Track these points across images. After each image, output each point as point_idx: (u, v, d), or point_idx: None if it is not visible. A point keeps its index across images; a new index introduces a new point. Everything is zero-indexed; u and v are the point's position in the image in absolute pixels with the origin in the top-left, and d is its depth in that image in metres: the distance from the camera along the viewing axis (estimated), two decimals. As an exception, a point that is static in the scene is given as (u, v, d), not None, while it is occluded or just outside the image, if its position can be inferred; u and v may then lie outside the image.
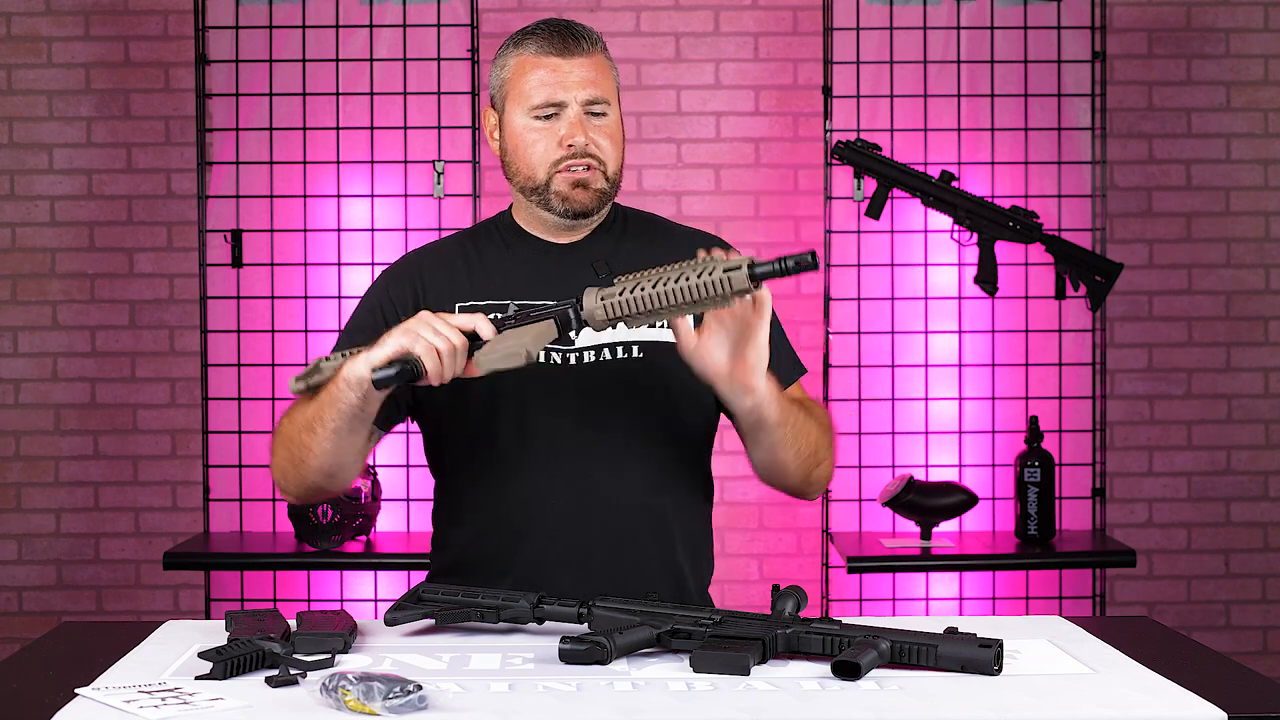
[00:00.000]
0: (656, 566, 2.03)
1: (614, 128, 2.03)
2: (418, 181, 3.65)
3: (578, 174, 2.01)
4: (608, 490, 2.01)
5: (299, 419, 1.98)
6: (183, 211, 4.06)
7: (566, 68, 2.00)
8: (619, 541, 2.01)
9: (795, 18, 4.10)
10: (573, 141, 1.99)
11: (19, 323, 4.10)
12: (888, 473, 3.60)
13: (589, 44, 2.02)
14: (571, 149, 1.99)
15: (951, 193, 3.52)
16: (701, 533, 2.13)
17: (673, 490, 2.06)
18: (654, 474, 2.04)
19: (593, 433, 2.00)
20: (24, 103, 4.10)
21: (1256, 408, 4.16)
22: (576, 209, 2.03)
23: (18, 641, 3.91)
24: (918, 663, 1.64)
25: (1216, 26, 4.14)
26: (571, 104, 2.00)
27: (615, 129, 2.04)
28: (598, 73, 2.02)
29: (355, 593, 3.59)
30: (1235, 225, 4.16)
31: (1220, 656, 1.84)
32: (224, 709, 1.52)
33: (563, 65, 2.00)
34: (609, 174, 2.03)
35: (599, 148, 2.01)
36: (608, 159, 2.02)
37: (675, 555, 2.06)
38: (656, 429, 2.04)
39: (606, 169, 2.02)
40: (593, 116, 2.01)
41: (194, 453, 3.95)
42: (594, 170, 2.01)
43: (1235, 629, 4.14)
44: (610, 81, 2.04)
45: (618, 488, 2.01)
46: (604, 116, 2.02)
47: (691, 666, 1.65)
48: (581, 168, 2.00)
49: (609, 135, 2.02)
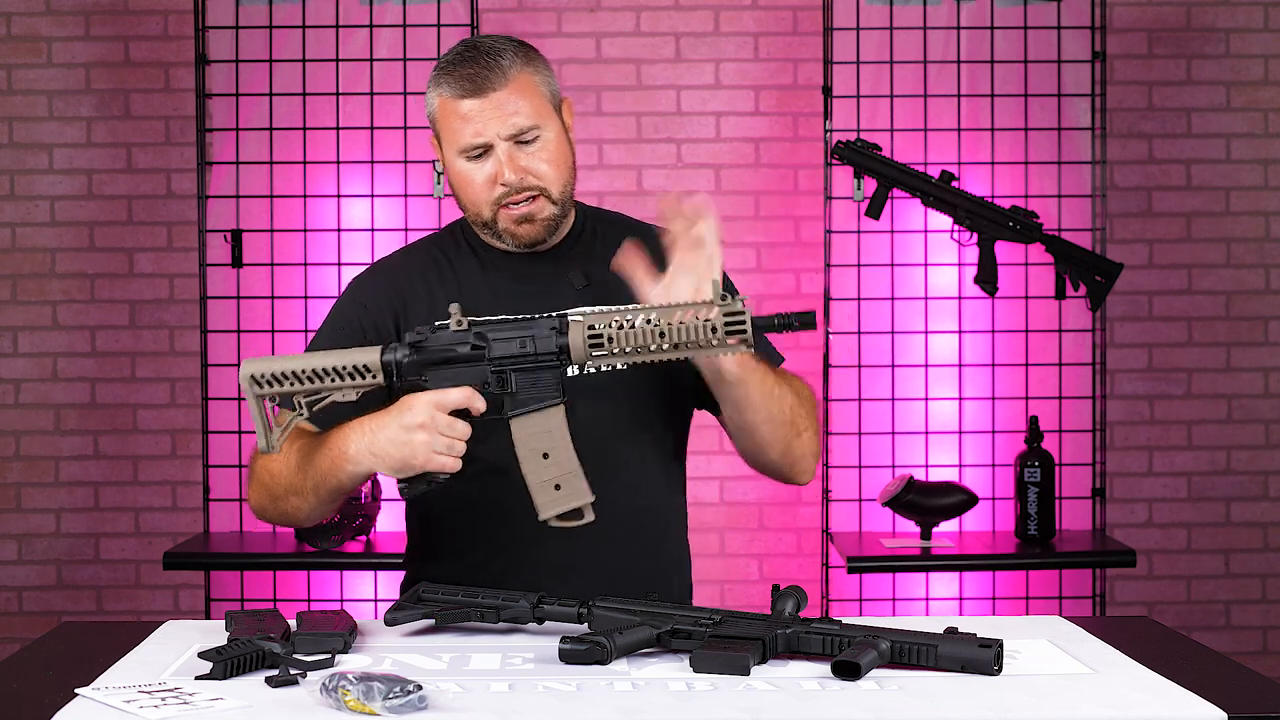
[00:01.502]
0: (647, 569, 2.03)
1: (550, 148, 1.96)
2: (418, 181, 3.65)
3: (520, 209, 1.96)
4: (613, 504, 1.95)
5: (282, 479, 1.94)
6: (183, 211, 4.06)
7: (480, 108, 1.93)
8: (606, 546, 1.99)
9: (795, 18, 4.10)
10: (504, 181, 1.94)
11: (19, 323, 4.10)
12: (888, 473, 3.60)
13: (500, 73, 1.93)
14: (505, 188, 1.95)
15: (951, 193, 3.52)
16: (683, 531, 2.15)
17: (656, 491, 2.07)
18: (638, 477, 2.04)
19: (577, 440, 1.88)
20: (24, 103, 4.10)
21: (1256, 408, 4.16)
22: (527, 242, 2.00)
23: (18, 641, 3.91)
24: (918, 663, 1.64)
25: (1216, 26, 4.14)
26: (496, 142, 1.94)
27: (552, 148, 1.97)
28: (518, 100, 1.93)
29: (355, 593, 3.59)
30: (1235, 225, 4.16)
31: (1220, 656, 1.84)
32: (224, 709, 1.52)
33: (476, 106, 1.93)
34: (555, 196, 1.98)
35: (537, 174, 1.96)
36: (549, 182, 1.97)
37: (663, 557, 2.07)
38: (644, 438, 2.05)
39: (551, 192, 1.97)
40: (523, 145, 1.95)
41: (194, 453, 3.95)
42: (538, 200, 1.96)
43: (1235, 629, 4.14)
44: (535, 101, 1.95)
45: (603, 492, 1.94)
46: (535, 142, 1.95)
47: (691, 666, 1.65)
48: (524, 201, 1.96)
49: (546, 159, 1.96)
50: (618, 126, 4.08)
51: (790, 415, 1.96)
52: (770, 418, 1.94)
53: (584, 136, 4.08)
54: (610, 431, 1.99)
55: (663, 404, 2.06)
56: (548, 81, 2.00)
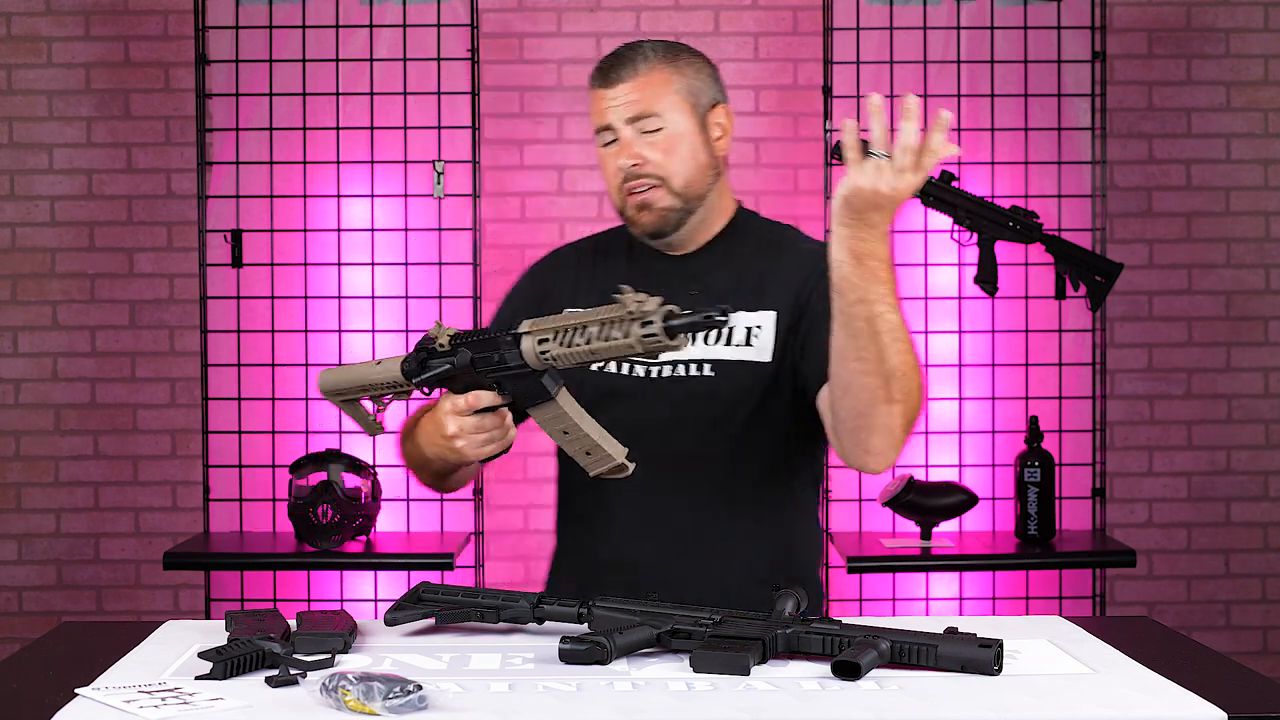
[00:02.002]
0: (709, 583, 1.99)
1: (670, 140, 2.02)
2: (418, 181, 3.65)
3: (639, 196, 2.02)
4: (669, 505, 2.01)
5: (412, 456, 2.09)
6: (183, 211, 4.06)
7: (610, 95, 2.03)
8: (675, 556, 2.01)
9: (795, 18, 4.10)
10: (619, 164, 2.02)
11: (19, 323, 4.10)
12: (888, 473, 3.60)
13: (629, 69, 2.03)
14: (623, 172, 2.02)
15: (951, 193, 3.52)
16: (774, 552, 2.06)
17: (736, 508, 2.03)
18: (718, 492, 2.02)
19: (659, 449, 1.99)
20: (24, 103, 4.10)
21: (1256, 408, 4.16)
22: (644, 230, 2.05)
23: (18, 641, 3.91)
24: (918, 663, 1.65)
25: (1216, 26, 4.14)
26: (620, 127, 2.02)
27: (672, 140, 2.02)
28: (643, 90, 2.01)
29: (355, 593, 3.59)
30: (1235, 225, 4.16)
31: (1220, 656, 1.84)
32: (224, 709, 1.52)
33: (607, 94, 2.03)
34: (675, 188, 2.02)
35: (653, 162, 2.01)
36: (666, 172, 2.01)
37: (733, 573, 2.02)
38: (723, 447, 2.02)
39: (670, 183, 2.02)
40: (645, 134, 2.02)
41: (194, 453, 3.95)
42: (656, 189, 2.01)
43: (1235, 629, 4.14)
44: (663, 94, 2.02)
45: (678, 504, 2.01)
46: (655, 131, 2.01)
47: (691, 666, 1.65)
48: (642, 189, 2.02)
49: (663, 148, 2.01)
50: (618, 126, 4.08)
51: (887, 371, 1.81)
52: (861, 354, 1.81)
53: (584, 136, 4.09)
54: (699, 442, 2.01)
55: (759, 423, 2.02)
56: (691, 82, 2.05)
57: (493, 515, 3.97)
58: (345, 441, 3.61)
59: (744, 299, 2.02)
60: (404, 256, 3.66)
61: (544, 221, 4.07)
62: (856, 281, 1.78)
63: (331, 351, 3.66)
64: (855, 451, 1.90)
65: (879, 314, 1.79)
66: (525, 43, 4.07)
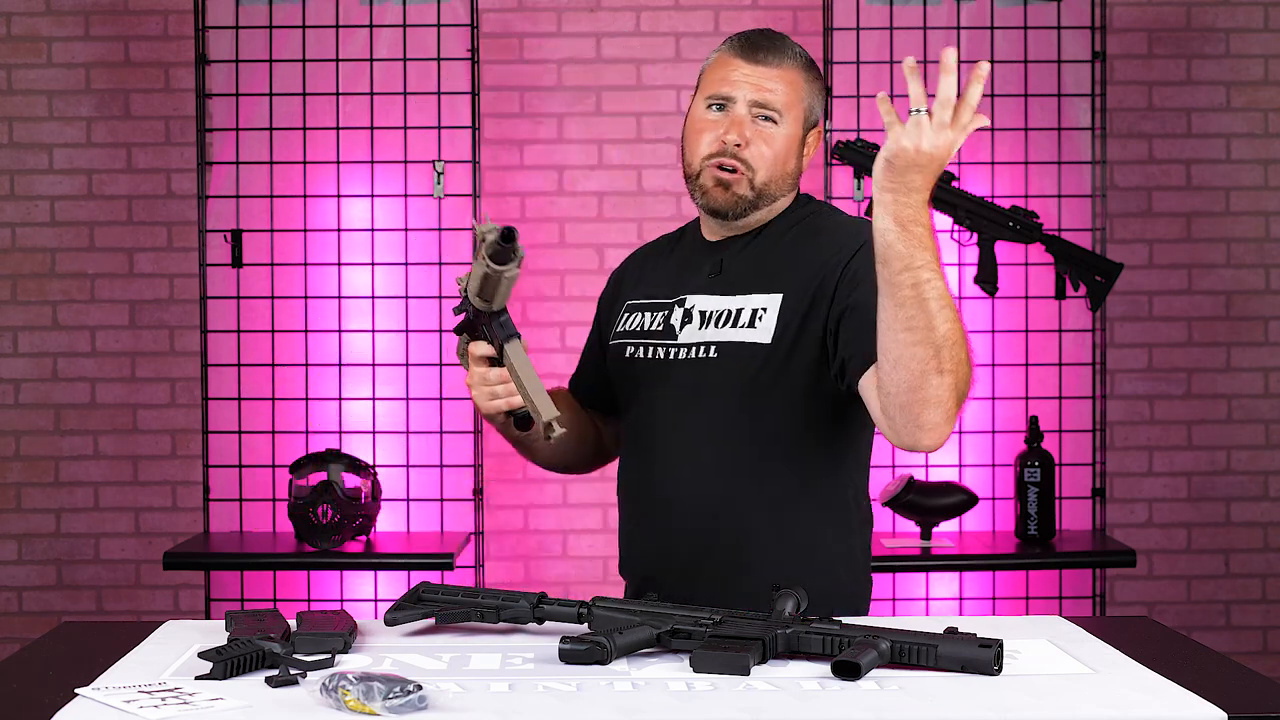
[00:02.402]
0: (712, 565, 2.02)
1: (776, 141, 2.05)
2: (418, 181, 3.65)
3: (723, 174, 2.05)
4: (677, 485, 2.05)
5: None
6: (183, 211, 4.06)
7: (747, 69, 2.05)
8: (679, 533, 2.05)
9: (795, 18, 4.10)
10: (725, 137, 2.04)
11: (19, 323, 4.10)
12: (888, 473, 3.60)
13: (778, 57, 2.05)
14: (724, 145, 2.04)
15: (951, 193, 3.52)
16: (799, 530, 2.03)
17: (743, 491, 2.03)
18: (722, 473, 2.03)
19: (672, 429, 2.06)
20: (24, 103, 4.10)
21: (1256, 408, 4.16)
22: (713, 205, 2.08)
23: (18, 641, 3.91)
24: (918, 663, 1.64)
25: (1216, 26, 4.14)
26: (740, 101, 2.04)
27: (779, 140, 2.05)
28: (778, 84, 2.04)
29: (355, 593, 3.59)
30: (1235, 225, 4.16)
31: (1220, 656, 1.84)
32: (224, 709, 1.52)
33: (744, 67, 2.05)
34: (756, 182, 2.05)
35: (752, 152, 2.04)
36: (758, 166, 2.04)
37: (738, 556, 2.02)
38: (728, 427, 2.03)
39: (755, 176, 2.05)
40: (759, 121, 2.04)
41: (194, 453, 3.95)
42: (740, 174, 2.04)
43: (1235, 629, 4.14)
44: (791, 97, 2.05)
45: (682, 484, 2.05)
46: (771, 124, 2.04)
47: (691, 666, 1.65)
48: (729, 169, 2.04)
49: (766, 144, 2.04)
50: (618, 126, 4.08)
51: (937, 340, 1.78)
52: (910, 323, 1.78)
53: (584, 136, 4.09)
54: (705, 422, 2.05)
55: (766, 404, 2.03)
56: (812, 97, 2.09)
57: (493, 515, 3.97)
58: (345, 441, 3.61)
59: (757, 283, 2.05)
60: (404, 256, 3.66)
61: (544, 221, 4.07)
62: (902, 250, 1.76)
63: (331, 351, 3.66)
64: (908, 428, 1.84)
65: (925, 280, 1.77)
66: (525, 43, 4.07)
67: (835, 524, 2.06)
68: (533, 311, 4.02)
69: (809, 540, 2.04)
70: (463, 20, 3.64)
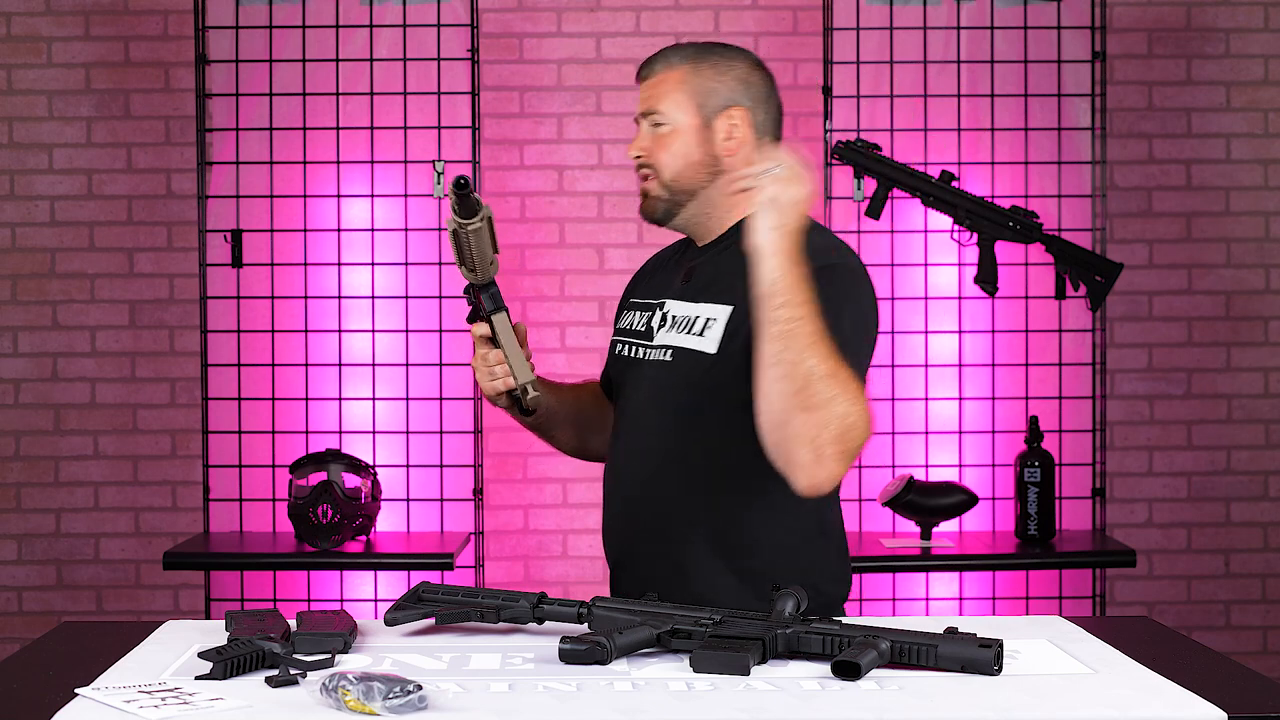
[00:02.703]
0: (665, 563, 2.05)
1: (670, 135, 2.12)
2: (418, 181, 3.65)
3: (642, 185, 2.17)
4: (632, 483, 2.11)
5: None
6: (183, 211, 4.06)
7: (640, 91, 2.18)
8: (634, 531, 2.11)
9: (795, 18, 4.10)
10: (630, 155, 2.18)
11: (19, 323, 4.10)
12: (888, 473, 3.60)
13: (653, 65, 2.17)
14: (635, 162, 2.17)
15: (951, 193, 3.52)
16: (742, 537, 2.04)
17: (696, 490, 2.05)
18: (670, 476, 2.07)
19: (636, 428, 2.13)
20: (24, 103, 4.10)
21: (1256, 408, 4.16)
22: (644, 214, 2.19)
23: (18, 641, 3.91)
24: (918, 663, 1.65)
25: (1216, 26, 4.14)
26: (640, 120, 2.18)
27: (672, 136, 2.12)
28: (654, 89, 2.15)
29: (355, 593, 3.59)
30: (1235, 225, 4.16)
31: (1220, 656, 1.84)
32: (224, 709, 1.52)
33: (639, 91, 2.19)
34: (665, 179, 2.13)
35: (655, 157, 2.13)
36: (661, 166, 2.13)
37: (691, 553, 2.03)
38: (680, 430, 2.07)
39: (662, 175, 2.13)
40: (654, 127, 2.15)
41: (194, 453, 3.95)
42: (650, 180, 2.15)
43: (1235, 629, 4.14)
44: (673, 95, 2.13)
45: (636, 483, 2.11)
46: (661, 126, 2.13)
47: (691, 666, 1.65)
48: (641, 178, 2.17)
49: (658, 144, 2.13)
50: (618, 126, 4.08)
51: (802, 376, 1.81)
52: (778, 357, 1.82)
53: (584, 136, 4.09)
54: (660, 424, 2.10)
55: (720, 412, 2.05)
56: (707, 84, 2.13)
57: (493, 515, 3.97)
58: (345, 441, 3.61)
59: (711, 293, 2.09)
60: (404, 256, 3.66)
61: (544, 221, 4.07)
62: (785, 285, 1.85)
63: (331, 351, 3.66)
64: (783, 465, 1.86)
65: (799, 318, 1.84)
66: (525, 43, 4.07)
67: (789, 531, 2.06)
68: (533, 311, 4.02)
69: (753, 547, 2.04)
70: (463, 20, 3.64)
